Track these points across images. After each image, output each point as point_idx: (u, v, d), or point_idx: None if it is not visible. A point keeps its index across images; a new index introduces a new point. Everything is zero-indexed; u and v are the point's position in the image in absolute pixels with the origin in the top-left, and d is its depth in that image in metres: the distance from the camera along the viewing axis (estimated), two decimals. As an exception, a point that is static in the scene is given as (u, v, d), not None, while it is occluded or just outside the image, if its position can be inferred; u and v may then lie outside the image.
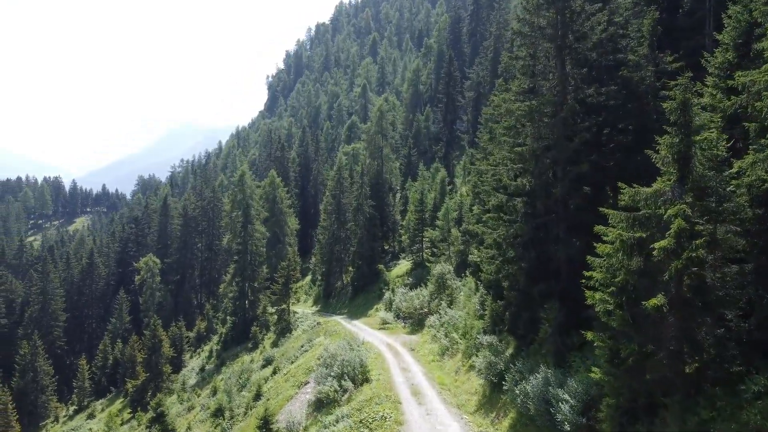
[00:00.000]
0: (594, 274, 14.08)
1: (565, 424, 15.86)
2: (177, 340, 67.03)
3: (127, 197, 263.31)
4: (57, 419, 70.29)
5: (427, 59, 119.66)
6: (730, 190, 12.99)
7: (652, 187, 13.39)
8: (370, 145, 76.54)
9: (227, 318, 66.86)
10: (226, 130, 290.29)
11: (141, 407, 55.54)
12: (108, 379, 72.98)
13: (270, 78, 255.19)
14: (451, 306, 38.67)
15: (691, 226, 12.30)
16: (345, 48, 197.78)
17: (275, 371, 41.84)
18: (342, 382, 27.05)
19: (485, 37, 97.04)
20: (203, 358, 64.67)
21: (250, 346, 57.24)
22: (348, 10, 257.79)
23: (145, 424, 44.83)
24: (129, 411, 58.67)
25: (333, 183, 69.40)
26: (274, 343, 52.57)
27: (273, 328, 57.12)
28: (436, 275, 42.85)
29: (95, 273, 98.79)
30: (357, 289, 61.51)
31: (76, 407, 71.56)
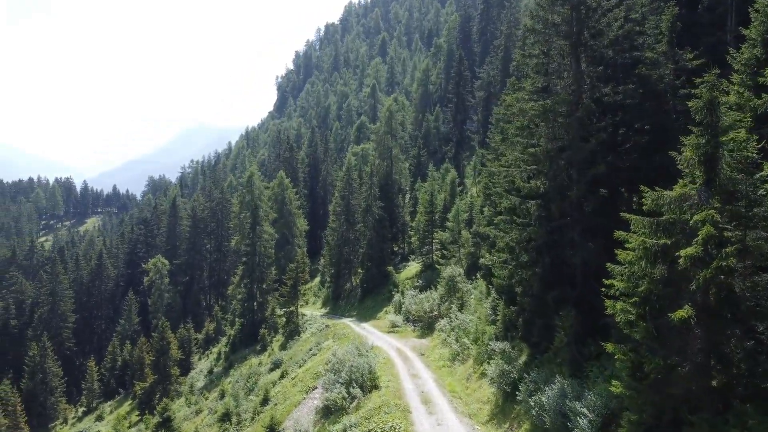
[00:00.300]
0: (615, 282, 13.31)
1: (583, 439, 15.12)
2: (185, 342, 66.72)
3: (138, 198, 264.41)
4: (66, 421, 70.22)
5: (437, 59, 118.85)
6: (761, 194, 12.18)
7: (676, 191, 12.63)
8: (379, 146, 75.90)
9: (236, 320, 66.45)
10: (237, 130, 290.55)
11: (149, 410, 55.19)
12: (117, 381, 72.81)
13: (279, 78, 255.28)
14: (462, 310, 37.93)
15: (720, 232, 11.55)
16: (354, 48, 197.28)
17: (283, 375, 41.33)
18: (350, 389, 26.40)
19: (496, 36, 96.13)
20: (211, 360, 64.31)
21: (258, 348, 56.76)
22: (357, 10, 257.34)
23: (152, 428, 44.43)
24: (137, 414, 58.38)
25: (342, 184, 68.80)
26: (282, 346, 52.08)
27: (281, 330, 56.64)
28: (446, 278, 42.12)
29: (104, 274, 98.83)
30: (366, 291, 60.87)
31: (84, 409, 71.48)
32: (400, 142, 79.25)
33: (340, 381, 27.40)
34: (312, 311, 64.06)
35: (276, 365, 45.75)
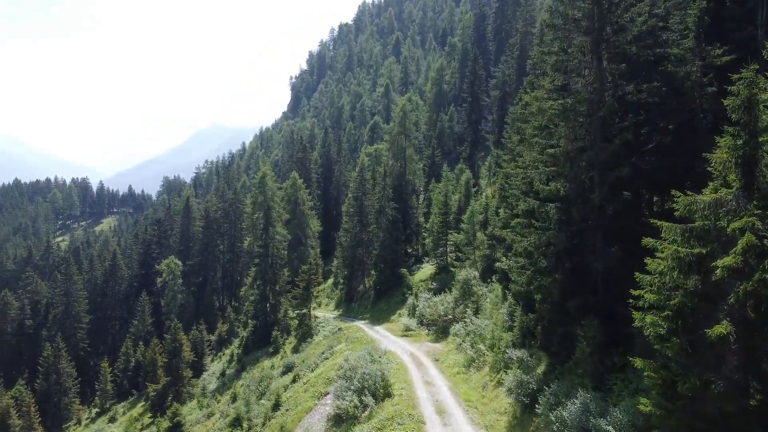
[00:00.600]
0: (646, 294, 12.39)
1: (608, 458, 14.24)
2: (198, 343, 66.39)
3: (153, 198, 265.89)
4: (79, 422, 70.27)
5: (451, 58, 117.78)
6: (805, 199, 11.24)
7: (710, 196, 11.73)
8: (392, 146, 75.04)
9: (248, 321, 66.00)
10: (252, 130, 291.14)
11: (161, 412, 54.88)
12: (130, 382, 72.72)
13: (293, 79, 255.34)
14: (477, 314, 37.07)
15: (761, 241, 10.64)
16: (368, 48, 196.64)
17: (295, 379, 40.72)
18: (362, 397, 25.66)
19: (511, 35, 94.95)
20: (224, 362, 63.90)
21: (270, 350, 56.25)
22: (371, 9, 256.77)
23: (163, 431, 44.04)
24: (149, 416, 58.12)
25: (355, 185, 68.11)
26: (294, 349, 51.53)
27: (294, 332, 56.08)
28: (461, 281, 41.28)
29: (118, 275, 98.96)
30: (379, 294, 60.13)
31: (98, 410, 71.45)
32: (414, 142, 78.33)
33: (351, 388, 26.68)
34: (325, 313, 63.46)
35: (288, 368, 45.14)
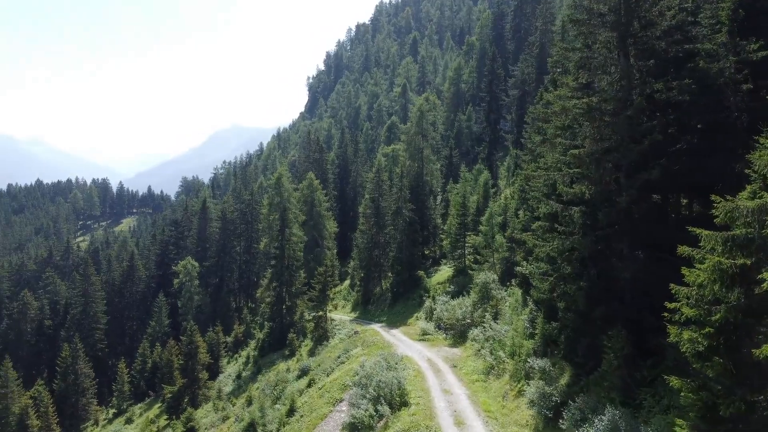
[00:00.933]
0: (683, 308, 11.44)
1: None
2: (214, 345, 66.11)
3: (172, 198, 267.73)
4: (97, 423, 70.35)
5: (469, 57, 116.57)
6: None
7: (755, 201, 10.76)
8: (409, 146, 74.19)
9: (264, 323, 65.62)
10: (270, 131, 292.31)
11: (177, 414, 54.62)
12: (146, 383, 72.71)
13: (310, 79, 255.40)
14: (496, 319, 36.14)
15: (813, 252, 9.68)
16: (385, 48, 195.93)
17: (310, 384, 40.09)
18: (378, 406, 24.88)
19: (530, 33, 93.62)
20: (240, 364, 63.56)
21: (286, 353, 55.73)
22: (388, 9, 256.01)
23: (178, 435, 43.69)
24: (165, 417, 57.90)
25: (372, 185, 67.34)
26: (310, 352, 50.96)
27: (310, 335, 55.54)
28: (479, 284, 40.33)
29: (135, 276, 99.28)
30: (396, 296, 59.33)
31: (115, 411, 71.52)
32: (431, 142, 77.35)
33: (367, 397, 25.95)
34: (341, 315, 62.81)
35: (304, 372, 44.57)
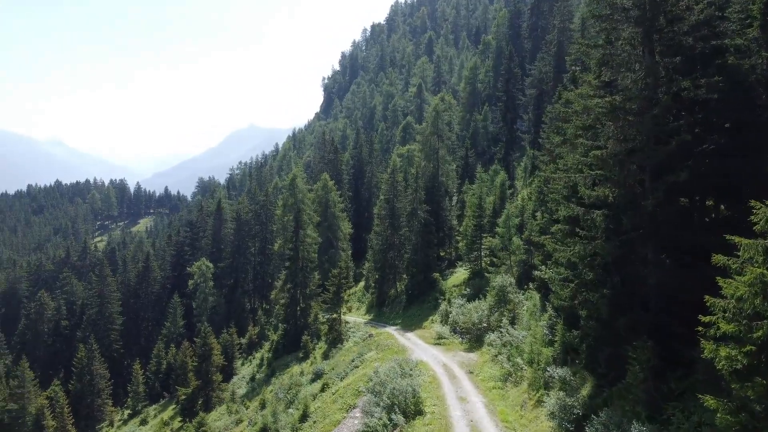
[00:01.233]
0: (719, 322, 10.60)
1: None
2: (228, 347, 65.88)
3: (188, 199, 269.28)
4: (112, 424, 70.50)
5: (485, 56, 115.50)
6: None
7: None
8: (425, 147, 73.31)
9: (279, 325, 65.27)
10: (286, 131, 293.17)
11: (191, 417, 54.44)
12: (161, 385, 72.74)
13: (326, 80, 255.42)
14: (514, 323, 35.31)
15: None
16: (400, 47, 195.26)
17: (324, 388, 39.51)
18: (392, 414, 24.17)
19: (547, 31, 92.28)
20: (254, 366, 63.26)
21: (300, 355, 55.31)
22: (403, 9, 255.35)
23: (191, 438, 43.36)
24: (179, 419, 57.76)
25: (386, 186, 66.63)
26: (324, 355, 50.47)
27: (324, 337, 55.03)
28: (496, 287, 39.51)
29: (151, 277, 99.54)
30: (411, 298, 58.59)
31: (130, 412, 71.67)
32: (446, 142, 76.39)
33: (380, 405, 25.24)
34: (356, 318, 62.22)
35: (317, 376, 44.07)
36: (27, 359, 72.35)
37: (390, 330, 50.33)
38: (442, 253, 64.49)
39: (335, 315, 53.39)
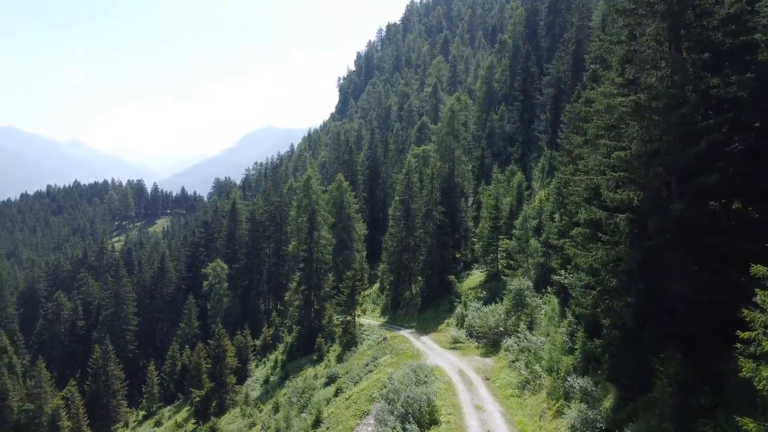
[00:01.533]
0: (761, 339, 9.77)
1: None
2: (242, 348, 65.59)
3: (205, 199, 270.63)
4: (126, 424, 70.57)
5: (502, 55, 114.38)
6: None
7: None
8: (440, 147, 72.45)
9: (293, 327, 64.81)
10: (302, 131, 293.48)
11: (204, 418, 54.20)
12: (176, 386, 72.67)
13: (341, 80, 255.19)
14: (532, 328, 34.42)
15: None
16: (416, 47, 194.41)
17: (337, 392, 38.99)
18: (406, 424, 23.46)
19: (565, 29, 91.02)
20: (268, 368, 62.88)
21: (315, 358, 54.80)
22: (419, 9, 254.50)
23: (204, 442, 42.98)
24: (193, 421, 57.53)
25: (401, 187, 65.87)
26: (338, 358, 49.86)
27: (338, 340, 54.43)
28: (513, 291, 38.63)
29: (166, 278, 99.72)
30: (426, 301, 57.81)
31: (144, 413, 71.65)
32: (462, 143, 75.45)
33: (394, 413, 24.57)
34: (370, 320, 61.57)
35: (331, 379, 43.52)
36: (44, 359, 72.73)
37: (405, 333, 49.66)
38: (457, 255, 63.61)
39: (349, 317, 52.73)
